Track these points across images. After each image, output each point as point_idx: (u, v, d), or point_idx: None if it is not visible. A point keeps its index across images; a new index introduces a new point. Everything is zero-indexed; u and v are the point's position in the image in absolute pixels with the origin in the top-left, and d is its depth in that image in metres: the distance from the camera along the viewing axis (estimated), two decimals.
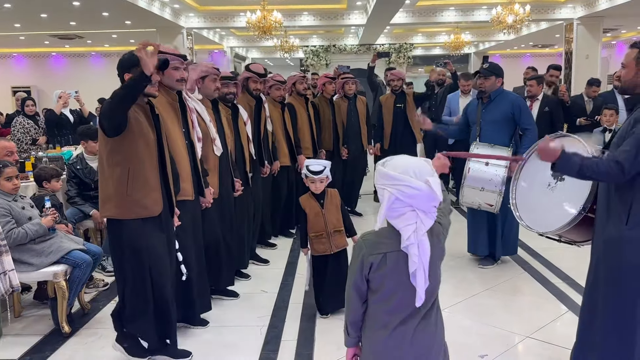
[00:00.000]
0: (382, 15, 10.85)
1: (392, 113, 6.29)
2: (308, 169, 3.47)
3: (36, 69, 17.54)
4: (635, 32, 15.10)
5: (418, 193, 1.65)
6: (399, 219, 1.69)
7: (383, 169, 1.72)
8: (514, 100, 4.29)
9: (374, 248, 1.75)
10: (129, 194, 2.72)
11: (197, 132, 3.31)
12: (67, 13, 10.57)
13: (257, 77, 4.58)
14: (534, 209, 2.98)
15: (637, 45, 2.37)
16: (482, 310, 3.71)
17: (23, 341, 3.38)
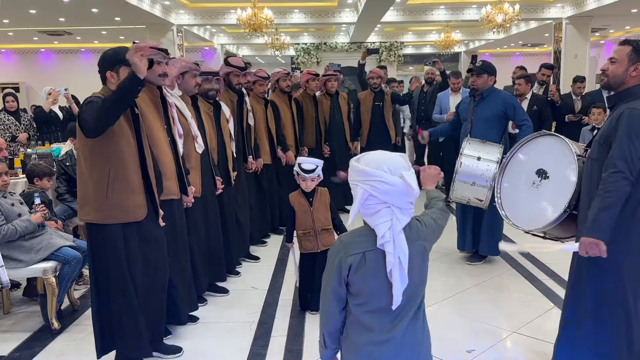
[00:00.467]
0: (372, 14, 10.87)
1: (370, 111, 6.36)
2: (300, 167, 3.46)
3: (25, 66, 17.37)
4: (623, 31, 15.24)
5: (392, 189, 1.59)
6: (373, 217, 1.62)
7: (356, 165, 1.65)
8: (506, 99, 4.35)
9: (351, 248, 1.67)
10: (109, 197, 2.60)
11: (178, 129, 3.22)
12: (56, 9, 10.48)
13: (238, 71, 4.50)
14: (520, 208, 3.00)
15: (630, 42, 2.36)
16: (470, 306, 3.76)
17: (12, 337, 3.38)
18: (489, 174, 4.02)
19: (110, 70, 2.65)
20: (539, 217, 2.78)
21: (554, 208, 2.69)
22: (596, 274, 2.41)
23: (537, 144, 3.00)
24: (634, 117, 2.24)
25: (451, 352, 3.05)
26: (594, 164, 2.42)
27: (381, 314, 1.67)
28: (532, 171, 2.92)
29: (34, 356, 3.14)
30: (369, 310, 1.68)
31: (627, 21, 13.13)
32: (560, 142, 2.80)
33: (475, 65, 4.36)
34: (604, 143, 2.36)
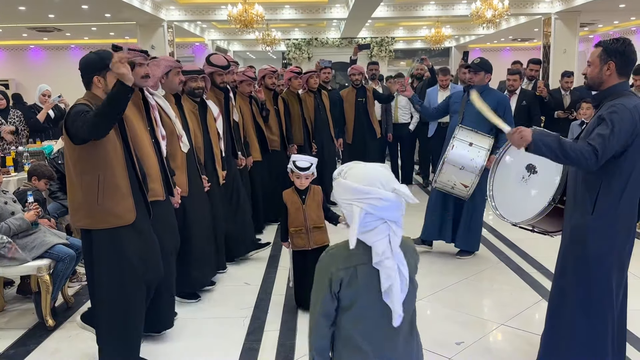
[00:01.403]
0: (363, 9, 10.90)
1: (354, 108, 6.44)
2: (295, 165, 3.46)
3: (15, 62, 17.27)
4: (612, 26, 15.37)
5: (388, 204, 1.54)
6: (369, 234, 1.57)
7: (346, 182, 1.58)
8: (501, 100, 4.45)
9: (343, 261, 1.61)
10: (100, 203, 2.61)
11: (160, 130, 3.19)
12: (45, 5, 10.42)
13: (221, 70, 4.44)
14: (509, 201, 3.09)
15: (601, 44, 2.45)
16: (459, 299, 3.82)
17: (7, 335, 3.40)
18: (479, 160, 4.08)
19: (98, 75, 2.65)
20: (526, 210, 2.85)
21: (540, 201, 2.76)
22: (582, 266, 2.46)
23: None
24: (618, 111, 2.29)
25: (440, 344, 3.11)
26: None
27: (374, 333, 1.63)
28: (523, 166, 2.99)
29: (29, 353, 3.17)
30: (361, 328, 1.63)
31: (616, 16, 13.25)
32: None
33: (474, 63, 4.43)
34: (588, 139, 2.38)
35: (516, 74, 6.37)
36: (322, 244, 3.52)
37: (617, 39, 2.45)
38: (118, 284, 2.74)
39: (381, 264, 1.56)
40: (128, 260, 2.73)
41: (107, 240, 2.69)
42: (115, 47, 2.88)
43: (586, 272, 2.45)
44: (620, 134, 2.27)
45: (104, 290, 2.75)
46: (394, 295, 1.56)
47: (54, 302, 3.61)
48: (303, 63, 16.30)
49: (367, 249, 1.58)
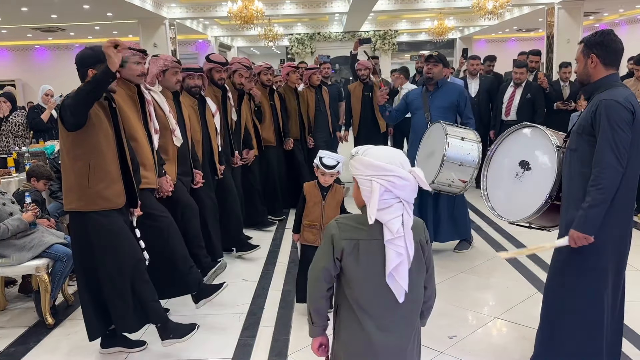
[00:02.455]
0: (363, 3, 10.88)
1: (360, 102, 6.50)
2: (321, 162, 3.38)
3: (20, 62, 17.43)
4: (617, 14, 15.21)
5: (407, 184, 1.60)
6: (385, 211, 1.61)
7: (366, 159, 1.62)
8: (462, 91, 4.49)
9: (347, 232, 1.66)
10: (90, 186, 2.76)
11: (154, 124, 3.33)
12: (47, 6, 10.50)
13: (220, 67, 4.52)
14: (505, 199, 3.06)
15: (583, 40, 2.50)
16: (454, 293, 3.84)
17: (7, 333, 3.46)
18: (474, 154, 4.06)
19: (93, 67, 2.78)
20: (522, 208, 2.83)
21: (536, 199, 2.73)
22: (579, 260, 2.45)
23: (519, 136, 3.06)
24: (610, 107, 2.29)
25: (432, 338, 3.12)
26: (573, 154, 2.47)
27: (375, 305, 1.67)
28: (516, 163, 2.97)
29: (29, 351, 3.23)
30: (362, 299, 1.67)
31: (620, 4, 13.11)
32: (541, 133, 2.85)
33: (434, 55, 4.42)
34: (582, 133, 2.41)
35: (523, 67, 6.34)
36: None
37: (596, 32, 2.46)
38: (117, 258, 2.88)
39: (392, 242, 1.60)
40: (124, 237, 2.89)
41: (103, 220, 2.83)
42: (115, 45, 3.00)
43: (582, 266, 2.45)
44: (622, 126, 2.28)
45: (108, 266, 2.88)
46: (400, 272, 1.61)
47: (53, 300, 3.67)
48: (306, 58, 16.30)
49: (374, 226, 1.62)
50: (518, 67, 6.34)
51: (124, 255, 2.89)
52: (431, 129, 4.27)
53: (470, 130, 4.24)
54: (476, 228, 5.41)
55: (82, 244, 2.89)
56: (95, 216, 2.82)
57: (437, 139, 4.14)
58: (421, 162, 4.29)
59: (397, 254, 1.60)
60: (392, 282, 1.62)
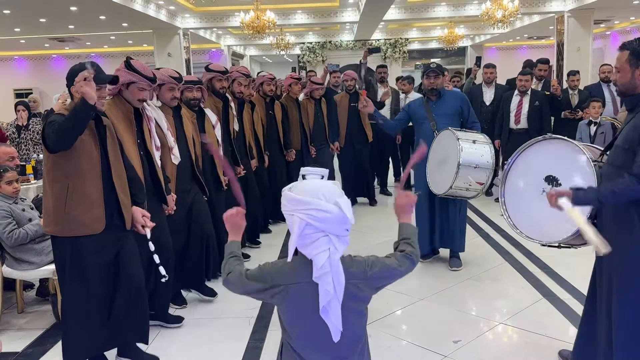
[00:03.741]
0: (374, 12, 11.00)
1: (347, 112, 6.55)
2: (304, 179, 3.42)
3: (37, 71, 17.79)
4: (628, 22, 15.17)
5: (329, 216, 1.55)
6: (310, 247, 1.57)
7: (290, 194, 1.61)
8: (463, 97, 4.58)
9: (279, 277, 1.63)
10: (67, 211, 2.65)
11: (155, 141, 3.25)
12: (65, 17, 10.76)
13: (220, 75, 4.43)
14: (531, 218, 2.81)
15: (626, 46, 2.31)
16: (460, 298, 3.90)
17: (25, 335, 3.58)
18: (488, 155, 4.08)
19: (73, 86, 2.67)
20: (556, 228, 2.60)
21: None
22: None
23: (540, 149, 2.85)
24: None
25: (437, 343, 3.19)
26: (619, 171, 2.27)
27: (312, 346, 1.64)
28: (540, 178, 2.75)
29: (46, 352, 3.34)
30: (299, 340, 1.65)
31: (631, 12, 13.09)
32: (570, 146, 2.65)
33: (433, 68, 4.46)
34: (629, 149, 2.24)
35: (527, 75, 6.39)
36: None
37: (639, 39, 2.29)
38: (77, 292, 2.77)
39: (321, 278, 1.55)
40: (89, 269, 2.75)
41: (68, 248, 2.71)
42: (128, 63, 3.03)
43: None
44: None
45: (65, 298, 2.83)
46: (332, 310, 1.56)
47: None
48: (317, 66, 16.45)
49: (305, 267, 1.59)
50: (522, 74, 6.39)
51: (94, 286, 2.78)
52: (439, 136, 4.31)
53: (479, 133, 4.30)
54: (484, 235, 5.46)
55: (60, 268, 2.80)
56: (71, 242, 2.70)
57: (448, 146, 4.17)
58: (433, 170, 4.34)
59: (326, 291, 1.55)
60: (327, 318, 1.58)
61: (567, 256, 2.76)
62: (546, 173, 2.72)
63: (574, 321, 3.41)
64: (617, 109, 6.60)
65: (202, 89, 4.02)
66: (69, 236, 2.70)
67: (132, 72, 3.04)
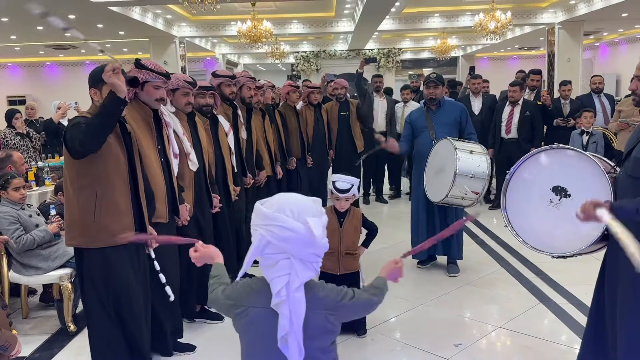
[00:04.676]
0: (369, 23, 11.16)
1: (336, 121, 6.58)
2: (334, 186, 3.24)
3: (31, 78, 17.75)
4: (617, 34, 15.46)
5: (293, 235, 1.38)
6: (270, 269, 1.42)
7: (259, 207, 1.46)
8: (462, 108, 4.68)
9: (243, 297, 1.50)
10: (97, 220, 2.52)
11: (173, 148, 3.13)
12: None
13: (229, 80, 4.25)
14: (538, 230, 2.70)
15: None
16: (460, 303, 4.00)
17: (32, 340, 3.62)
18: (484, 165, 4.19)
19: (94, 87, 2.58)
20: (569, 240, 2.52)
21: (586, 229, 2.38)
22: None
23: (543, 159, 2.75)
24: None
25: (439, 346, 3.28)
26: (637, 182, 2.24)
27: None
28: (547, 188, 2.64)
29: (53, 356, 3.39)
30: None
31: (620, 24, 13.37)
32: (579, 156, 2.58)
33: (432, 78, 4.56)
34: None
35: (516, 86, 6.55)
36: (352, 270, 3.37)
37: None
38: (110, 307, 2.67)
39: (278, 307, 1.41)
40: (122, 281, 2.65)
41: (99, 260, 2.60)
42: (139, 64, 2.90)
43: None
44: None
45: (95, 316, 2.69)
46: (291, 344, 1.41)
47: (75, 308, 3.83)
48: (312, 75, 16.59)
49: (268, 289, 1.45)
50: (512, 85, 6.56)
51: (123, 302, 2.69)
52: (437, 145, 4.41)
53: (476, 143, 4.41)
54: (480, 242, 5.56)
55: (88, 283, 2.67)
56: (99, 253, 2.59)
57: (446, 155, 4.26)
58: (430, 178, 4.44)
59: (282, 324, 1.39)
60: (286, 352, 1.43)
61: (561, 263, 2.82)
62: (553, 184, 2.62)
63: (569, 325, 3.53)
64: (607, 119, 6.78)
65: (215, 95, 3.89)
66: (97, 247, 2.57)
67: (144, 70, 2.90)
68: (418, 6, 11.30)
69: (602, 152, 5.83)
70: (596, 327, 2.53)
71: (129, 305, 2.71)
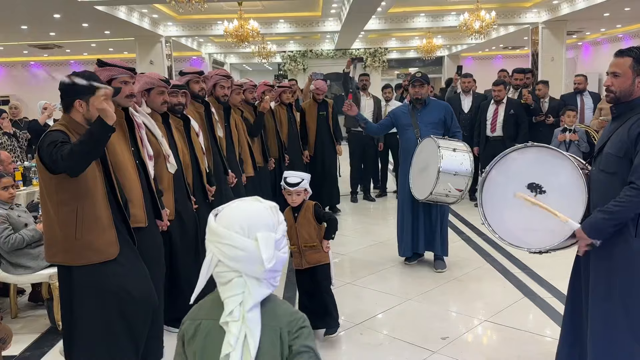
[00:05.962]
0: (355, 22, 11.22)
1: (315, 121, 6.63)
2: (285, 181, 3.29)
3: (15, 78, 17.56)
4: (599, 34, 15.71)
5: (242, 255, 1.27)
6: (225, 287, 1.30)
7: (210, 219, 1.34)
8: (447, 107, 4.75)
9: (197, 312, 1.37)
10: (79, 237, 2.41)
11: (147, 150, 3.00)
12: (47, 25, 10.73)
13: (197, 77, 4.05)
14: (513, 226, 2.75)
15: (628, 53, 2.31)
16: (447, 297, 4.07)
17: (22, 339, 3.61)
18: (467, 163, 4.26)
19: (80, 99, 2.45)
20: (543, 235, 2.58)
21: (561, 226, 2.46)
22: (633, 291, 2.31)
23: (520, 156, 2.80)
24: None
25: (427, 339, 3.35)
26: (611, 177, 2.31)
27: None
28: (522, 185, 2.68)
29: (44, 355, 3.39)
30: None
31: (602, 24, 13.60)
32: (553, 153, 2.64)
33: (418, 77, 4.62)
34: (624, 157, 2.26)
35: (500, 85, 6.67)
36: (317, 264, 3.36)
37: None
38: (103, 322, 2.55)
39: (226, 326, 1.28)
40: (114, 295, 2.54)
41: (88, 277, 2.48)
42: (101, 62, 2.79)
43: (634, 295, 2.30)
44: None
45: (85, 332, 2.56)
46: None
47: None
48: (298, 74, 16.63)
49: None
50: (496, 85, 6.67)
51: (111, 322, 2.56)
52: (422, 143, 4.48)
53: (460, 141, 4.49)
54: (466, 239, 5.64)
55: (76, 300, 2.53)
56: (85, 270, 2.46)
57: (430, 153, 4.33)
58: (415, 176, 4.50)
59: (227, 342, 1.27)
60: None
61: (546, 258, 2.88)
62: (528, 181, 2.66)
63: (553, 318, 3.61)
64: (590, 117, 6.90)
65: (186, 94, 3.75)
66: (83, 265, 2.46)
67: (108, 67, 2.79)
68: (404, 6, 11.40)
69: (585, 149, 5.96)
70: (572, 316, 2.63)
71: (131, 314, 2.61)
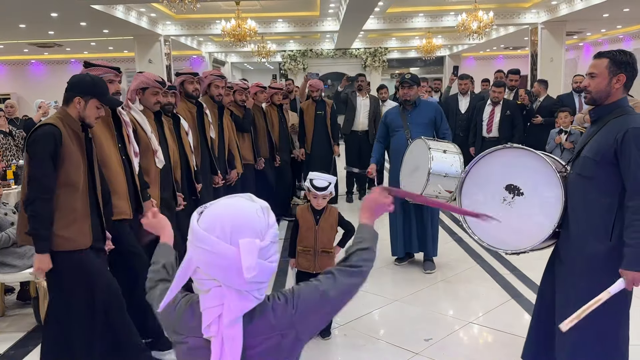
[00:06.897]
0: (353, 22, 11.22)
1: (313, 120, 6.77)
2: (312, 184, 3.25)
3: (15, 77, 17.63)
4: (600, 34, 15.66)
5: (222, 262, 1.11)
6: (204, 296, 1.17)
7: (194, 216, 1.19)
8: (437, 108, 4.75)
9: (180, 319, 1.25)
10: (53, 226, 2.53)
11: (133, 147, 3.12)
12: (45, 23, 10.75)
13: (191, 77, 4.19)
14: (491, 227, 2.71)
15: (605, 55, 2.31)
16: (432, 299, 4.06)
17: (7, 337, 3.63)
18: (457, 164, 4.25)
19: (81, 97, 2.59)
20: (520, 236, 2.60)
21: (538, 227, 2.50)
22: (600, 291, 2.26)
23: (498, 158, 2.80)
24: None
25: (409, 341, 3.33)
26: (588, 182, 2.32)
27: None
28: (500, 186, 2.70)
29: (28, 354, 3.39)
30: None
31: (602, 25, 13.54)
32: (531, 155, 2.62)
33: (407, 78, 4.61)
34: (601, 161, 2.26)
35: (501, 87, 6.66)
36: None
37: (622, 50, 2.31)
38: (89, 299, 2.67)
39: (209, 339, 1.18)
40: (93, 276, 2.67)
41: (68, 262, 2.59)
42: (88, 63, 2.94)
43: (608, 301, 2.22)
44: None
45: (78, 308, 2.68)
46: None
47: None
48: (298, 74, 16.64)
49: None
50: (496, 86, 6.66)
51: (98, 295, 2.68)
52: (413, 145, 4.46)
53: (450, 143, 4.48)
54: (457, 240, 5.64)
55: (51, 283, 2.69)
56: (61, 255, 2.58)
57: (420, 154, 4.31)
58: (406, 177, 4.48)
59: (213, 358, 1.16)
60: None
61: (535, 260, 2.89)
62: (506, 182, 2.67)
63: None
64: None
65: (175, 94, 3.85)
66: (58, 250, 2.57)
67: (93, 67, 2.91)
68: (402, 6, 11.38)
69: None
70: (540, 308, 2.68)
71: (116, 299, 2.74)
